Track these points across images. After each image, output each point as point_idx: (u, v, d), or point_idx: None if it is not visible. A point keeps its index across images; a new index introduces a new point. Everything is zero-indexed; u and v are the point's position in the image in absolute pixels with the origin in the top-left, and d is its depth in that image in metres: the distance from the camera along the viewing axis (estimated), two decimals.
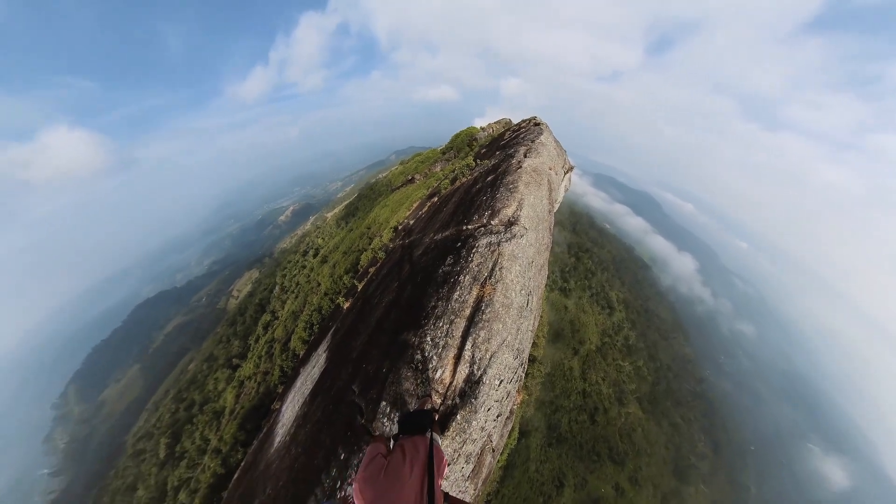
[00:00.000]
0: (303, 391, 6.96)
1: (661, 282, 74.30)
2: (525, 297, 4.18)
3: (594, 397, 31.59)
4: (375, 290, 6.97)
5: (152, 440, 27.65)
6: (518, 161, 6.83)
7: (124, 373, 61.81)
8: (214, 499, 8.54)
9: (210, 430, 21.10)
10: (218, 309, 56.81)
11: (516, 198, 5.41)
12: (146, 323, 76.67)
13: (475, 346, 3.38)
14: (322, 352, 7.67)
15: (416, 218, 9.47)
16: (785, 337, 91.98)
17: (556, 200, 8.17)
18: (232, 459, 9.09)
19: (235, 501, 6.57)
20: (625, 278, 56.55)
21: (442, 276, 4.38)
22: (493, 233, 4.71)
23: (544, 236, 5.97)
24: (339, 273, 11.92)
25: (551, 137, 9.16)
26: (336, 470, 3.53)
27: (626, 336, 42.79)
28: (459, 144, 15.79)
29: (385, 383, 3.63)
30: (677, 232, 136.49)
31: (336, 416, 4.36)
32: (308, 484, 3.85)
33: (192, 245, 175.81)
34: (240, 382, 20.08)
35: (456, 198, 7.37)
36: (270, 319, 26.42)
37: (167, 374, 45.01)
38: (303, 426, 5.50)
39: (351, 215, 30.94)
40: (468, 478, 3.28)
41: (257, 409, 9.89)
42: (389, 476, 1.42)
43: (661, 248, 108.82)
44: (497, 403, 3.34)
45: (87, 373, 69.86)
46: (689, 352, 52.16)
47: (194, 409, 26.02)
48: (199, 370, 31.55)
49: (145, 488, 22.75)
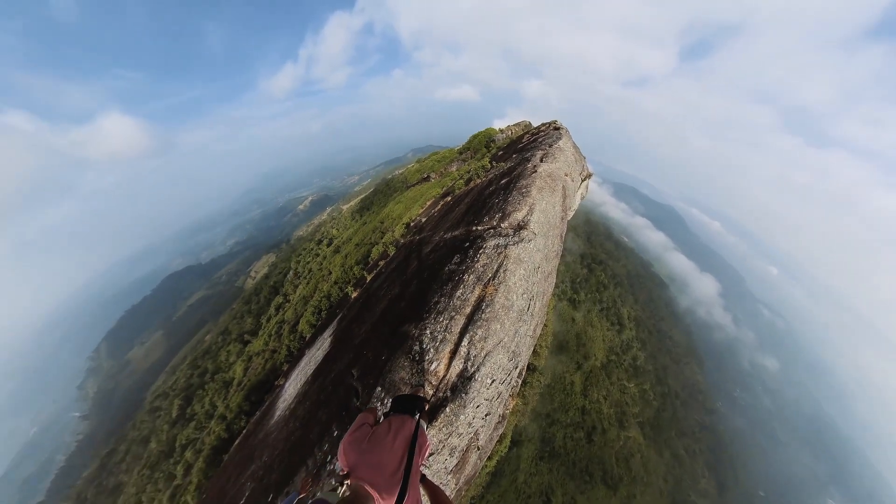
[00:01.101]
0: (306, 371, 7.28)
1: (679, 302, 70.27)
2: (527, 302, 4.19)
3: (593, 416, 30.55)
4: (383, 282, 7.17)
5: (167, 400, 29.78)
6: (534, 165, 6.79)
7: (149, 336, 67.94)
8: (216, 460, 9.11)
9: (218, 397, 22.51)
10: (236, 287, 60.22)
11: (528, 202, 5.40)
12: (172, 293, 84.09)
13: (471, 344, 3.45)
14: (327, 336, 7.99)
15: (428, 216, 9.61)
16: (813, 377, 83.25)
17: (570, 208, 8.02)
18: (235, 426, 9.66)
19: (235, 464, 7.00)
20: (639, 295, 54.14)
21: (447, 274, 4.47)
22: (502, 235, 4.74)
23: (554, 243, 5.91)
24: (350, 263, 12.27)
25: (570, 143, 9.00)
26: (328, 445, 3.73)
27: (634, 356, 40.95)
28: (476, 145, 15.75)
29: (382, 370, 3.78)
30: (701, 251, 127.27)
31: (334, 397, 4.57)
32: (302, 455, 4.08)
33: (219, 226, 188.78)
34: (249, 357, 21.18)
35: (469, 198, 7.42)
36: (282, 302, 27.60)
37: (186, 341, 48.27)
38: (302, 403, 5.79)
39: (366, 209, 31.65)
40: (451, 471, 3.36)
41: (262, 384, 10.43)
42: (372, 443, 1.54)
43: (681, 266, 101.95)
44: (487, 402, 3.40)
45: (118, 333, 77.76)
46: (701, 380, 49.11)
47: (206, 376, 27.75)
48: (214, 342, 33.52)
49: (157, 442, 24.56)
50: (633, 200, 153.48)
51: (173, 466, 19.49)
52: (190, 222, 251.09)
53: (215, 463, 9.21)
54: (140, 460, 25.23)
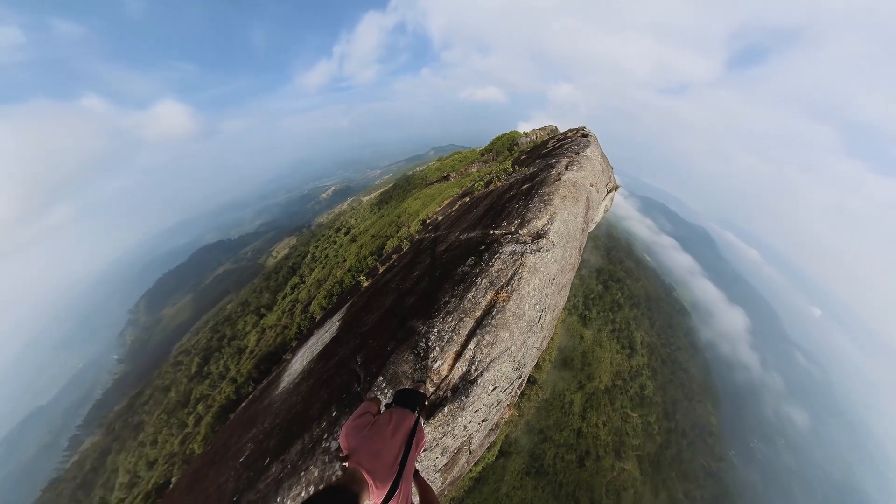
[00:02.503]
0: (312, 350, 7.58)
1: (700, 334, 64.62)
2: (538, 313, 4.09)
3: (589, 440, 29.13)
4: (395, 275, 7.28)
5: (189, 357, 32.46)
6: (558, 172, 6.57)
7: (180, 299, 75.98)
8: (223, 417, 9.81)
9: (232, 361, 24.22)
10: (258, 264, 64.32)
11: (549, 211, 5.25)
12: (203, 264, 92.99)
13: (478, 348, 3.42)
14: (336, 320, 8.26)
15: (444, 215, 9.61)
16: (849, 439, 71.34)
17: (592, 220, 7.70)
18: (243, 390, 10.31)
19: (239, 424, 7.48)
20: (656, 320, 51.09)
21: (460, 275, 4.45)
22: (519, 242, 4.65)
23: (572, 255, 5.71)
24: (365, 254, 12.58)
25: (598, 151, 8.58)
26: (326, 423, 3.87)
27: (642, 384, 38.59)
28: (499, 147, 15.48)
29: (386, 361, 3.84)
30: (732, 280, 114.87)
31: (336, 379, 4.72)
32: (300, 428, 4.27)
33: (249, 206, 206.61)
34: (263, 329, 22.43)
35: (487, 201, 7.33)
36: (298, 282, 28.93)
37: (210, 307, 52.25)
38: (306, 380, 6.04)
39: (384, 202, 32.25)
40: (440, 470, 3.38)
41: (272, 355, 11.01)
42: (373, 432, 1.58)
43: (707, 294, 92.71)
44: (486, 408, 3.37)
45: (155, 293, 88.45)
46: (714, 422, 45.06)
47: (224, 341, 29.88)
48: (234, 311, 35.86)
49: (176, 392, 26.92)
50: (661, 217, 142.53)
51: (186, 416, 21.22)
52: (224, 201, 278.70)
53: (222, 419, 9.90)
54: (160, 405, 27.74)
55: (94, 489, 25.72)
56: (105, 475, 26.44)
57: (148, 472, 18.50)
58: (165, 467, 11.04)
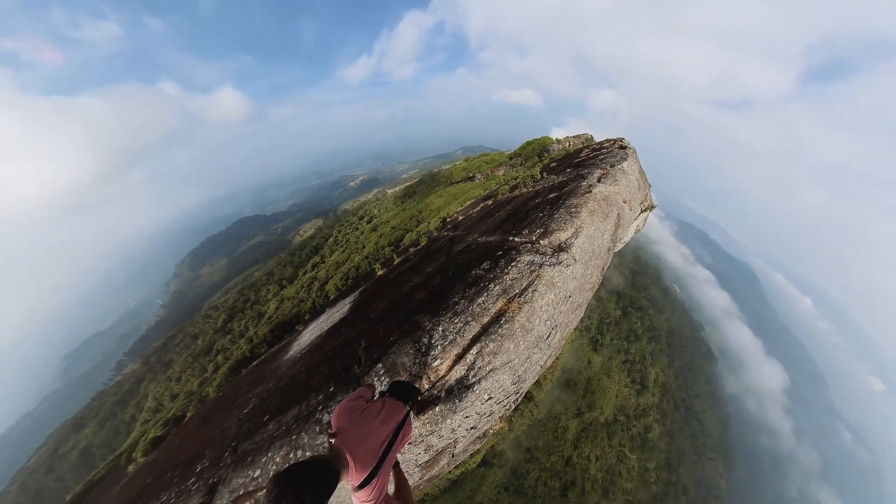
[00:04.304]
0: (322, 326, 7.95)
1: (726, 384, 57.52)
2: (548, 330, 3.93)
3: (577, 471, 27.28)
4: (409, 268, 7.38)
5: (217, 312, 35.82)
6: (589, 184, 6.22)
7: (217, 261, 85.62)
8: (237, 370, 10.80)
9: (251, 323, 26.44)
10: (286, 240, 69.24)
11: (575, 224, 4.99)
12: (240, 233, 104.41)
13: (480, 354, 3.37)
14: (347, 302, 8.57)
15: (465, 215, 9.52)
16: None
17: (620, 239, 7.22)
18: (257, 350, 11.15)
19: (249, 380, 8.13)
20: (675, 359, 46.88)
21: (473, 278, 4.40)
22: (539, 253, 4.48)
23: (593, 274, 5.41)
24: (383, 244, 12.87)
25: (636, 166, 7.96)
26: (322, 397, 4.04)
27: (647, 426, 35.42)
28: (529, 153, 14.98)
29: (388, 350, 3.92)
30: (775, 329, 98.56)
31: (339, 358, 4.91)
32: (299, 395, 4.52)
33: (284, 187, 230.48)
34: (282, 299, 24.04)
35: (511, 206, 7.15)
36: (318, 262, 30.52)
37: (240, 272, 57.27)
38: (312, 352, 6.34)
39: (408, 196, 32.75)
40: (420, 465, 3.40)
41: (286, 324, 11.73)
42: (363, 417, 1.62)
43: (742, 341, 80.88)
44: (477, 416, 3.31)
45: (198, 252, 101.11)
46: (723, 486, 39.91)
47: (247, 304, 32.62)
48: (259, 279, 38.80)
49: (202, 341, 30.04)
50: (699, 246, 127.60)
51: (207, 363, 23.58)
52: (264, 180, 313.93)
53: (235, 372, 10.84)
54: (188, 349, 31.10)
55: (128, 407, 30.15)
56: (137, 398, 30.64)
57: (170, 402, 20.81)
58: (184, 402, 12.32)
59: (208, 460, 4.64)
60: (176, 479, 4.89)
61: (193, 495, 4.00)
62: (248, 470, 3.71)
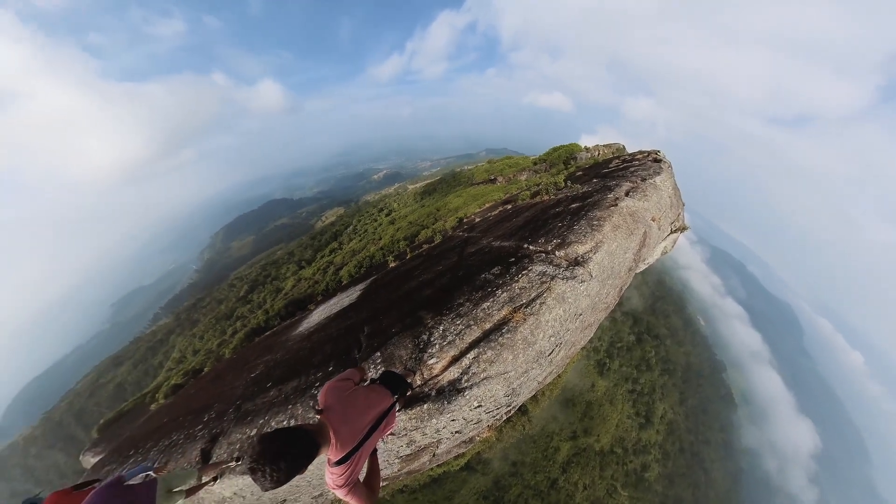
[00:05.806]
0: (331, 309, 8.25)
1: (743, 435, 51.02)
2: (551, 346, 3.79)
3: (562, 496, 25.65)
4: (419, 264, 7.44)
5: (240, 282, 38.87)
6: (615, 197, 5.86)
7: (246, 238, 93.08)
8: (251, 338, 11.75)
9: (269, 296, 28.25)
10: (309, 224, 73.59)
11: (595, 237, 4.74)
12: (268, 214, 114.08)
13: (476, 360, 3.32)
14: (358, 289, 8.82)
15: (482, 217, 9.41)
16: None
17: (644, 259, 6.75)
18: (271, 322, 11.90)
19: (260, 347, 8.73)
20: (689, 397, 42.97)
21: (481, 282, 4.34)
22: (553, 264, 4.32)
23: (609, 294, 5.13)
24: (399, 237, 13.06)
25: (670, 182, 7.33)
26: (321, 374, 4.21)
27: (645, 464, 32.45)
28: (554, 159, 14.37)
29: (387, 340, 3.98)
30: (813, 385, 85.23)
31: (342, 341, 5.07)
32: (301, 369, 4.78)
33: (312, 175, 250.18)
34: (299, 279, 25.38)
35: (530, 213, 6.95)
36: (336, 248, 31.83)
37: (265, 249, 61.66)
38: (319, 332, 6.61)
39: (428, 194, 32.98)
40: (401, 458, 3.43)
41: (300, 301, 12.34)
42: (349, 399, 1.66)
43: (770, 390, 70.07)
44: (464, 421, 3.27)
45: (231, 227, 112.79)
46: None
47: (268, 279, 34.96)
48: (281, 257, 41.31)
49: (225, 307, 32.77)
50: (734, 278, 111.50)
51: (227, 327, 25.70)
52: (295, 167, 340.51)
53: (249, 339, 11.72)
54: (213, 312, 34.15)
55: (157, 355, 34.76)
56: (166, 347, 34.85)
57: (192, 356, 22.92)
58: (203, 358, 13.51)
59: (215, 412, 4.99)
60: (186, 423, 5.32)
61: (198, 440, 4.34)
62: (245, 428, 3.97)
